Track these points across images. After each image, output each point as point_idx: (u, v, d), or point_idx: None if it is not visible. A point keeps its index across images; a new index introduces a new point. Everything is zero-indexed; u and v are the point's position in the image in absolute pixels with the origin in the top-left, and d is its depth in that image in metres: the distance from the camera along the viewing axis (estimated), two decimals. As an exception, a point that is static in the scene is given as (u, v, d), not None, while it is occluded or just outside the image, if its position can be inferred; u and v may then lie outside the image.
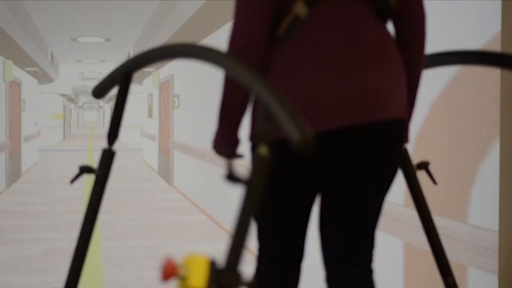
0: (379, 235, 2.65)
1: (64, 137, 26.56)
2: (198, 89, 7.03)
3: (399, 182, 2.51)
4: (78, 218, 6.54)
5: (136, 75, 12.30)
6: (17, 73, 10.39)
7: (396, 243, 2.53)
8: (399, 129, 1.47)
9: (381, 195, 1.53)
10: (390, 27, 2.51)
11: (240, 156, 1.62)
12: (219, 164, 5.96)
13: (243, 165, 4.92)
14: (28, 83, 12.14)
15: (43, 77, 12.79)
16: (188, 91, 7.84)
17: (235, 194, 5.42)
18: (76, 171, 12.13)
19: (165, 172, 10.14)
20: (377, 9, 1.49)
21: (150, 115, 12.81)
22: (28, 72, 11.30)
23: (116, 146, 20.73)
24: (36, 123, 13.47)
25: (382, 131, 1.45)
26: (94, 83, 20.76)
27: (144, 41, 8.34)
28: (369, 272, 1.57)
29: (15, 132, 10.05)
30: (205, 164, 6.75)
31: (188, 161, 8.00)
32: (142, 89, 20.58)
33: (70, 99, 26.75)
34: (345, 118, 1.41)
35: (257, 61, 1.44)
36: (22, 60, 9.05)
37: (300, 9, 1.43)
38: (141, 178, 10.95)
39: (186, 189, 8.25)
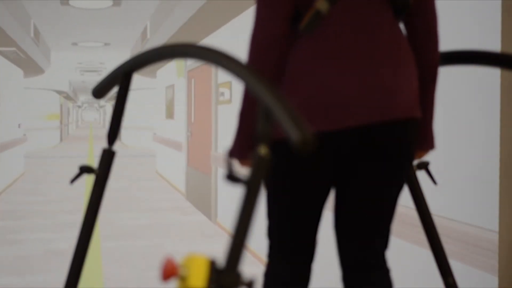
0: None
1: (61, 139, 24.40)
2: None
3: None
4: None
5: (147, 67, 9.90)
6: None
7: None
8: (412, 128, 1.48)
9: (395, 195, 1.54)
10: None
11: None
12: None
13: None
14: (6, 71, 8.74)
15: (28, 64, 9.36)
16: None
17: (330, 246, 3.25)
18: (71, 189, 8.99)
19: (202, 199, 6.67)
20: (395, 7, 1.50)
21: (169, 115, 9.61)
22: (3, 54, 7.91)
23: (120, 151, 18.52)
24: (19, 125, 10.27)
25: (397, 131, 1.46)
26: (94, 77, 18.09)
27: (160, 19, 6.53)
28: (384, 271, 1.58)
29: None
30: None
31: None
32: (155, 83, 16.91)
33: (67, 97, 24.65)
34: (361, 117, 1.42)
35: (278, 56, 1.45)
36: None
37: (322, 4, 1.44)
38: (162, 205, 7.27)
39: None
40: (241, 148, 1.56)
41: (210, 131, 6.30)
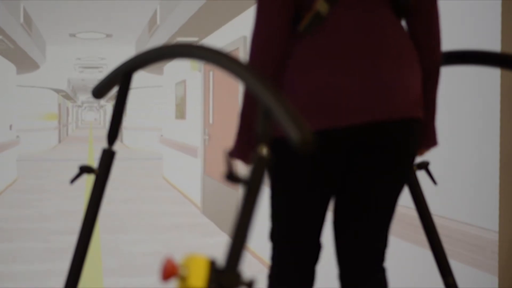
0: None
1: (59, 140, 23.21)
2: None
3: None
4: None
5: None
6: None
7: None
8: (412, 128, 1.48)
9: (394, 194, 1.54)
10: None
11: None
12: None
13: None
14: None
15: (21, 58, 8.27)
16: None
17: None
18: (68, 199, 7.84)
19: (224, 216, 5.61)
20: (396, 7, 1.51)
21: (180, 114, 8.37)
22: None
23: (122, 153, 17.41)
24: (11, 126, 9.23)
25: (396, 130, 1.46)
26: (95, 75, 17.09)
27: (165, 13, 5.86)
28: (381, 270, 1.59)
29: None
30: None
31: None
32: (162, 80, 16.02)
33: (66, 96, 23.61)
34: (361, 116, 1.42)
35: (278, 56, 1.46)
36: None
37: (321, 5, 1.45)
38: (176, 221, 6.18)
39: None
40: (243, 148, 1.56)
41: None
